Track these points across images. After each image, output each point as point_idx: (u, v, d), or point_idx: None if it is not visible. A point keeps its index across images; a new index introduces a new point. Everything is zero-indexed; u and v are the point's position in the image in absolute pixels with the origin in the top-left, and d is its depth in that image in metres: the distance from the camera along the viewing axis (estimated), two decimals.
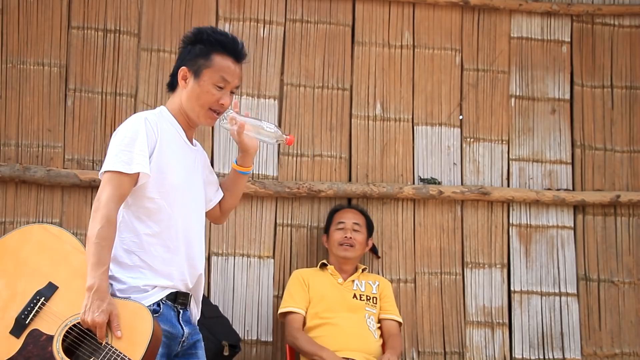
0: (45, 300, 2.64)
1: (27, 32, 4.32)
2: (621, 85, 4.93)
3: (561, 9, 4.87)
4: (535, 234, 4.74)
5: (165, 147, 2.79)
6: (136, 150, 2.71)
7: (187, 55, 2.87)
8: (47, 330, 2.61)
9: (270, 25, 4.59)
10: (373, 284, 4.24)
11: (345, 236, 4.21)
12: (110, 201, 2.65)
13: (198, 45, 2.86)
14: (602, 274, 4.77)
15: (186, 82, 2.86)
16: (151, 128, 2.77)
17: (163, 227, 2.76)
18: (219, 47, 2.85)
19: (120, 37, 4.41)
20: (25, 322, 2.62)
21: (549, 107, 4.86)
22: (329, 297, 4.12)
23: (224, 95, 2.85)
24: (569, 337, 4.69)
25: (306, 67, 4.62)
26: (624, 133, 4.90)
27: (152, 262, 2.74)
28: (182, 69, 2.86)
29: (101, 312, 2.55)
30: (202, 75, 2.83)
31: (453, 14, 4.80)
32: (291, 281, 4.20)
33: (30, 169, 4.18)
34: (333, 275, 4.22)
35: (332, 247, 4.26)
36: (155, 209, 2.75)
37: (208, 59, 2.84)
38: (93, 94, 4.36)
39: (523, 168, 4.79)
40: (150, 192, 2.75)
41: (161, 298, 2.73)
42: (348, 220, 4.27)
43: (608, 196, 4.77)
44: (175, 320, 2.77)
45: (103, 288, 2.58)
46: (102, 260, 2.60)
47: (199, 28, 2.93)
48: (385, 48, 4.71)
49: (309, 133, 4.58)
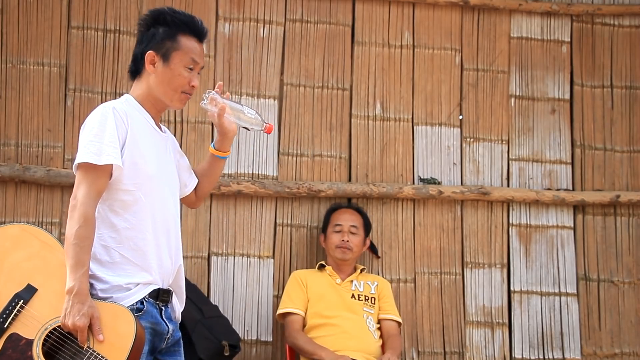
0: (24, 303, 2.55)
1: (27, 32, 4.32)
2: (621, 85, 4.94)
3: (561, 8, 4.87)
4: (535, 234, 4.74)
5: (136, 136, 2.70)
6: (105, 141, 2.61)
7: (152, 38, 2.77)
8: (27, 335, 2.53)
9: (270, 25, 4.59)
10: (372, 284, 4.23)
11: (343, 239, 4.20)
12: (86, 198, 2.56)
13: (160, 27, 2.78)
14: (602, 274, 4.77)
15: (155, 66, 2.77)
16: (120, 117, 2.67)
17: (140, 218, 2.67)
18: (184, 28, 2.79)
19: (120, 37, 4.41)
20: (4, 326, 2.53)
21: (548, 107, 4.86)
22: (327, 297, 4.12)
23: (193, 77, 2.80)
24: (568, 337, 4.70)
25: (306, 67, 4.62)
26: (624, 133, 4.91)
27: (131, 256, 2.65)
28: (149, 53, 2.75)
29: (82, 316, 2.48)
30: (172, 58, 2.76)
31: (453, 13, 4.80)
32: (289, 282, 4.21)
33: (30, 169, 4.18)
34: (331, 275, 4.21)
35: (330, 249, 4.26)
36: (132, 201, 2.67)
37: (175, 41, 2.76)
38: (93, 94, 4.36)
39: (523, 168, 4.79)
40: (125, 184, 2.66)
41: (144, 296, 2.65)
42: (345, 222, 4.26)
43: (608, 196, 4.77)
44: (159, 318, 2.70)
45: (83, 291, 2.50)
46: (82, 261, 2.51)
47: (157, 9, 2.84)
48: (385, 48, 4.71)
49: (309, 133, 4.58)
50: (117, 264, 2.65)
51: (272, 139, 4.51)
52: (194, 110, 4.43)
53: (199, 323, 4.00)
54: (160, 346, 2.73)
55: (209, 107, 2.88)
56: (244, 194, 4.36)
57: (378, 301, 4.20)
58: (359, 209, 4.39)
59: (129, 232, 2.66)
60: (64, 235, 2.58)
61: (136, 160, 2.67)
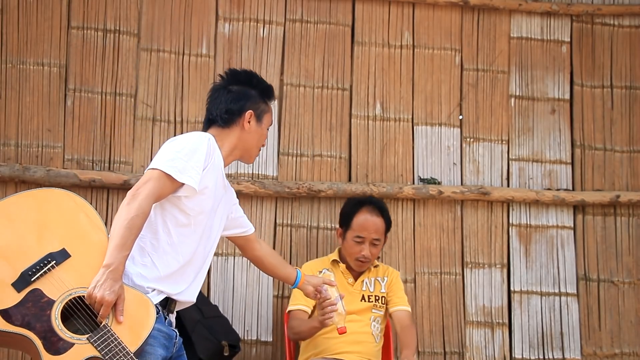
0: (56, 264, 2.60)
1: (26, 32, 4.32)
2: (621, 85, 4.94)
3: (561, 9, 4.87)
4: (535, 234, 4.74)
5: (211, 172, 2.90)
6: (192, 163, 2.81)
7: (250, 98, 3.08)
8: (50, 294, 2.55)
9: (270, 25, 4.59)
10: (382, 280, 4.09)
11: (363, 254, 3.99)
12: (150, 196, 2.71)
13: (253, 89, 3.10)
14: (602, 274, 4.77)
15: (249, 124, 3.05)
16: (210, 150, 2.89)
17: (183, 242, 2.86)
18: (269, 95, 3.16)
19: (120, 37, 4.41)
20: (31, 279, 2.55)
21: (548, 107, 4.86)
22: None
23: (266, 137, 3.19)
24: (568, 337, 4.69)
25: (306, 67, 4.62)
26: (624, 133, 4.91)
27: (160, 267, 2.82)
28: (249, 112, 3.05)
29: (112, 292, 2.55)
30: (263, 119, 3.11)
31: (453, 14, 4.81)
32: None
33: (30, 169, 4.18)
34: (344, 274, 4.06)
35: (347, 254, 4.07)
36: (184, 223, 2.86)
37: (266, 104, 3.13)
38: (93, 94, 4.36)
39: (523, 168, 4.79)
40: (186, 206, 2.84)
41: (158, 302, 2.80)
42: (368, 234, 4.00)
43: (608, 196, 4.77)
44: (168, 325, 2.86)
45: (120, 270, 2.61)
46: (127, 245, 2.64)
47: (248, 72, 3.19)
48: (385, 48, 4.71)
49: (309, 133, 4.57)
50: (146, 267, 2.81)
51: (271, 139, 4.51)
52: (194, 109, 4.43)
53: (199, 323, 4.00)
54: (172, 351, 2.84)
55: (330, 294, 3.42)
56: (244, 193, 4.36)
57: (387, 297, 4.09)
58: (382, 209, 4.10)
59: (168, 247, 2.84)
60: None
61: (204, 192, 2.86)
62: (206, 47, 4.50)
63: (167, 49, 4.46)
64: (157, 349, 2.71)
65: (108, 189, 4.28)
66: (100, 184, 4.24)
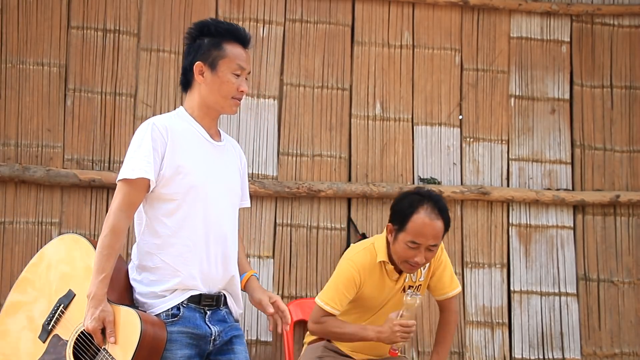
0: (64, 307, 2.75)
1: (26, 32, 4.32)
2: (621, 85, 4.94)
3: (561, 8, 4.87)
4: (535, 234, 4.74)
5: (178, 148, 2.80)
6: (140, 157, 2.74)
7: (198, 49, 2.87)
8: (64, 336, 2.72)
9: (270, 25, 4.59)
10: (423, 268, 3.55)
11: (416, 260, 3.39)
12: (117, 209, 2.72)
13: (205, 38, 2.87)
14: (602, 274, 4.78)
15: (203, 76, 2.86)
16: (158, 132, 2.78)
17: (182, 226, 2.79)
18: (228, 36, 2.87)
19: (120, 37, 4.41)
20: (48, 327, 2.75)
21: (548, 107, 4.86)
22: (377, 300, 3.55)
23: (241, 82, 2.88)
24: (568, 337, 4.70)
25: (306, 67, 4.62)
26: (624, 133, 4.91)
27: (172, 262, 2.77)
28: (197, 64, 2.85)
29: (93, 319, 2.62)
30: (219, 66, 2.85)
31: (453, 13, 4.81)
32: (344, 276, 3.50)
33: (30, 169, 4.18)
34: (389, 274, 3.52)
35: (396, 255, 3.46)
36: (174, 209, 2.78)
37: (220, 49, 2.86)
38: (92, 94, 4.36)
39: (523, 168, 4.79)
40: (166, 194, 2.78)
41: (182, 301, 2.76)
42: (425, 241, 3.39)
43: (608, 196, 4.77)
44: (200, 321, 2.79)
45: (99, 296, 2.64)
46: (102, 268, 2.66)
47: (201, 22, 2.93)
48: (384, 48, 4.72)
49: (309, 133, 4.57)
50: (159, 269, 2.77)
51: (271, 139, 4.51)
52: None
53: None
54: (207, 348, 2.81)
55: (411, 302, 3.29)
56: None
57: (427, 283, 3.60)
58: (442, 209, 3.47)
59: (170, 239, 2.78)
60: None
61: (178, 170, 2.78)
62: None
63: (167, 48, 4.46)
64: (176, 352, 2.71)
65: (108, 189, 4.28)
66: (100, 184, 4.24)
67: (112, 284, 2.71)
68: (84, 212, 4.26)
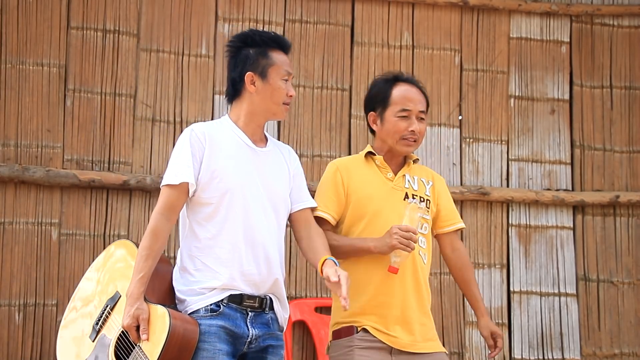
0: (111, 308, 2.87)
1: (26, 32, 4.32)
2: (620, 86, 4.94)
3: (560, 9, 4.87)
4: (535, 234, 4.74)
5: (215, 153, 2.87)
6: (180, 162, 2.84)
7: (246, 60, 2.93)
8: (109, 335, 2.83)
9: (270, 25, 4.59)
10: (426, 183, 3.25)
11: (412, 130, 3.14)
12: (157, 213, 2.82)
13: (250, 49, 2.94)
14: (602, 274, 4.78)
15: (255, 85, 2.92)
16: (197, 137, 2.87)
17: (220, 229, 2.84)
18: (272, 44, 2.95)
19: (120, 38, 4.41)
20: (97, 327, 2.88)
21: (548, 107, 4.86)
22: (374, 199, 3.14)
23: (289, 87, 2.95)
24: (568, 337, 4.69)
25: (305, 67, 4.62)
26: (623, 133, 4.91)
27: (212, 264, 2.82)
28: (248, 74, 2.91)
29: (128, 317, 2.71)
30: (269, 74, 2.91)
31: (452, 14, 4.81)
32: (325, 177, 3.22)
33: (30, 169, 4.18)
34: (381, 168, 3.20)
35: (388, 136, 3.16)
36: (212, 212, 2.85)
37: (268, 57, 2.92)
38: (92, 94, 4.36)
39: (522, 168, 4.79)
40: (205, 197, 2.85)
41: (221, 299, 2.80)
42: (414, 106, 3.17)
43: (607, 196, 4.77)
44: (240, 322, 2.81)
45: (135, 294, 2.73)
46: (139, 268, 2.76)
47: (242, 33, 3.02)
48: (384, 48, 4.72)
49: (309, 133, 4.57)
50: (200, 271, 2.84)
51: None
52: (194, 109, 4.43)
53: None
54: (241, 349, 2.83)
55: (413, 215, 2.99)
56: None
57: (432, 205, 3.23)
58: (418, 82, 3.33)
59: (209, 241, 2.85)
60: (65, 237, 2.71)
61: (215, 175, 2.85)
62: (206, 47, 4.50)
63: (167, 49, 4.46)
64: (214, 344, 2.74)
65: (107, 189, 4.28)
66: (99, 184, 4.24)
67: (153, 285, 2.80)
68: (83, 213, 4.26)
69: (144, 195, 4.32)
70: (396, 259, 2.96)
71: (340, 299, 2.74)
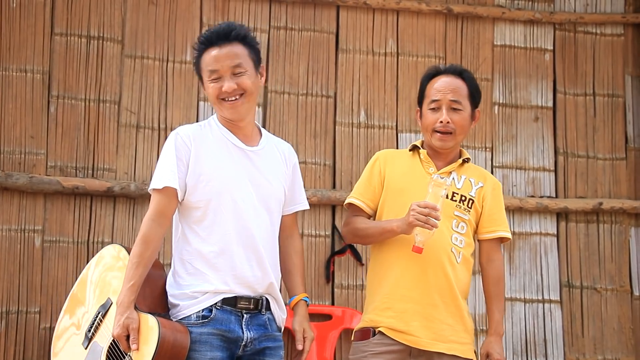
0: (102, 315, 2.88)
1: (9, 39, 4.29)
2: (603, 93, 4.97)
3: (544, 17, 4.90)
4: (519, 241, 4.76)
5: (202, 155, 2.86)
6: (165, 167, 2.84)
7: (197, 66, 2.96)
8: (101, 343, 2.83)
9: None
10: (475, 184, 3.14)
11: (441, 121, 3.08)
12: (148, 219, 2.82)
13: (197, 53, 2.95)
14: (585, 281, 4.80)
15: (204, 87, 2.95)
16: (182, 141, 2.86)
17: (211, 232, 2.83)
18: (201, 47, 2.92)
19: (104, 44, 4.40)
20: (89, 335, 2.89)
21: (532, 114, 4.88)
22: (410, 191, 3.05)
23: (221, 84, 2.87)
24: (552, 343, 4.71)
25: (290, 74, 4.62)
26: (606, 140, 4.93)
27: (203, 267, 2.81)
28: (199, 79, 2.97)
29: (118, 326, 2.70)
30: (202, 78, 2.94)
31: (437, 21, 4.82)
32: (367, 166, 3.25)
33: (13, 176, 4.15)
34: (424, 162, 3.14)
35: (425, 132, 3.16)
36: (201, 215, 2.84)
37: (200, 61, 2.92)
38: (76, 101, 4.34)
39: (506, 175, 4.81)
40: (194, 201, 2.85)
41: (214, 303, 2.78)
42: (444, 95, 3.09)
43: (591, 203, 4.80)
44: (235, 325, 2.80)
45: (125, 303, 2.71)
46: (130, 276, 2.74)
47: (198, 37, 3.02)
48: (369, 55, 4.72)
49: (293, 140, 4.57)
50: (192, 275, 2.82)
51: None
52: (178, 116, 4.42)
53: None
54: (236, 353, 2.82)
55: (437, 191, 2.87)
56: None
57: (477, 206, 3.12)
58: (463, 72, 3.20)
59: (200, 245, 2.83)
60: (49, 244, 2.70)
61: (202, 178, 2.84)
62: (190, 53, 4.49)
63: (151, 55, 4.45)
64: (205, 354, 2.73)
65: (91, 196, 4.26)
66: (83, 191, 4.22)
67: (145, 292, 2.78)
68: (67, 219, 4.23)
69: (128, 202, 4.30)
70: (420, 239, 2.83)
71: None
